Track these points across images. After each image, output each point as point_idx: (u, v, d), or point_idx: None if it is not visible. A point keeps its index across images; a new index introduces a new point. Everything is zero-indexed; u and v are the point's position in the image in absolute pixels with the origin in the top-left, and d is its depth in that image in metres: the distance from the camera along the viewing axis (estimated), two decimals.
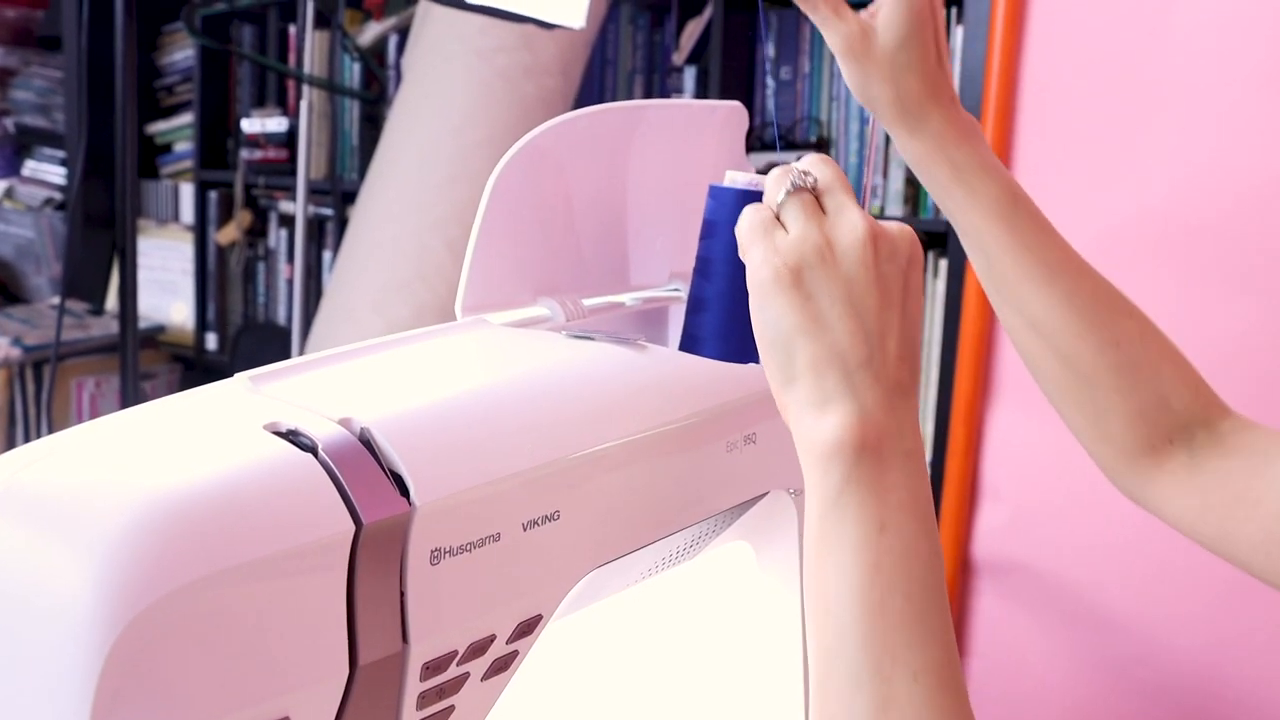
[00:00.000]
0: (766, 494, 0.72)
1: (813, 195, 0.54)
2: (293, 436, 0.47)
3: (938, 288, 1.84)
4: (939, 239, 1.87)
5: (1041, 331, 0.70)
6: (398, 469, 0.48)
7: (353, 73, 2.42)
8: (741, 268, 0.79)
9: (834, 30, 0.68)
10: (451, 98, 1.86)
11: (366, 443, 0.48)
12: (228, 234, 2.53)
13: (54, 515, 0.42)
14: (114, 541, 0.40)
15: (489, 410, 0.53)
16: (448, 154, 1.87)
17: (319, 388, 0.52)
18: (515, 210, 0.71)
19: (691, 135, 0.84)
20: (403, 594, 0.48)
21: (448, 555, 0.49)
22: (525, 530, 0.52)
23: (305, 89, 2.13)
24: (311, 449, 0.46)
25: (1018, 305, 0.71)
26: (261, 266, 2.59)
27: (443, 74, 1.87)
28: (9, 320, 2.43)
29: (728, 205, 0.79)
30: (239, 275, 2.59)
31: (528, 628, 0.54)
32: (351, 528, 0.45)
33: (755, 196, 0.79)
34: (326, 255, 2.43)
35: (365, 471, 0.47)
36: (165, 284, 2.67)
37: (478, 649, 0.51)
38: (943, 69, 0.70)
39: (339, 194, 2.35)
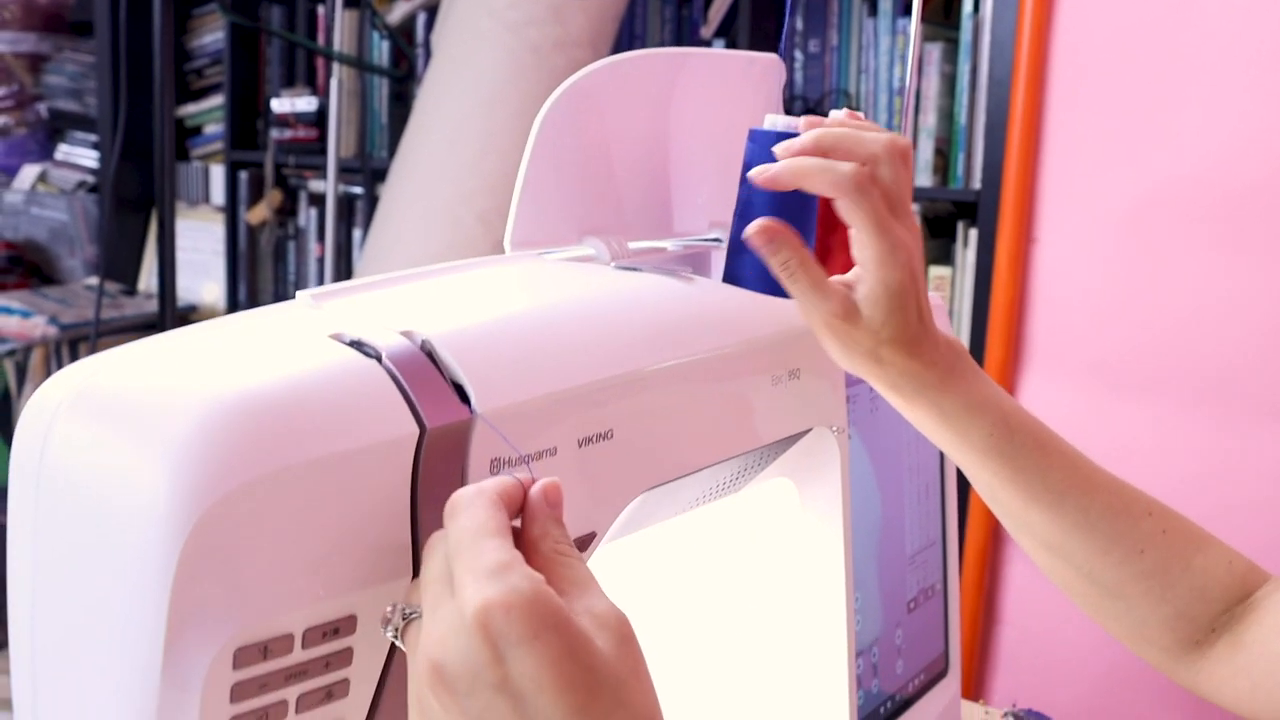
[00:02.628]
0: (810, 431, 0.73)
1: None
2: (357, 345, 0.48)
3: (968, 257, 1.84)
4: (969, 208, 1.87)
5: (1059, 553, 0.67)
6: (459, 379, 0.49)
7: (381, 51, 2.43)
8: (781, 209, 0.80)
9: (815, 308, 0.62)
10: (481, 72, 1.87)
11: (428, 354, 0.49)
12: (258, 213, 2.56)
13: (127, 415, 0.43)
14: (187, 437, 0.41)
15: (545, 327, 0.54)
16: (478, 128, 1.88)
17: (380, 305, 0.53)
18: (561, 150, 0.72)
19: (731, 85, 0.84)
20: None
21: (506, 465, 0.50)
22: (580, 447, 0.53)
23: (335, 68, 2.15)
24: (376, 357, 0.47)
25: (1029, 531, 0.68)
26: (292, 245, 2.61)
27: (472, 48, 1.88)
28: (45, 300, 2.46)
29: (766, 148, 0.80)
30: (269, 254, 2.61)
31: (581, 544, 0.55)
32: (416, 431, 0.46)
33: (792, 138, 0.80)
34: (357, 233, 2.45)
35: (428, 379, 0.48)
36: (197, 264, 2.69)
37: None
38: (924, 325, 0.64)
39: (369, 172, 2.36)
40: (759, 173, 0.63)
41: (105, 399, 0.44)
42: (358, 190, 2.42)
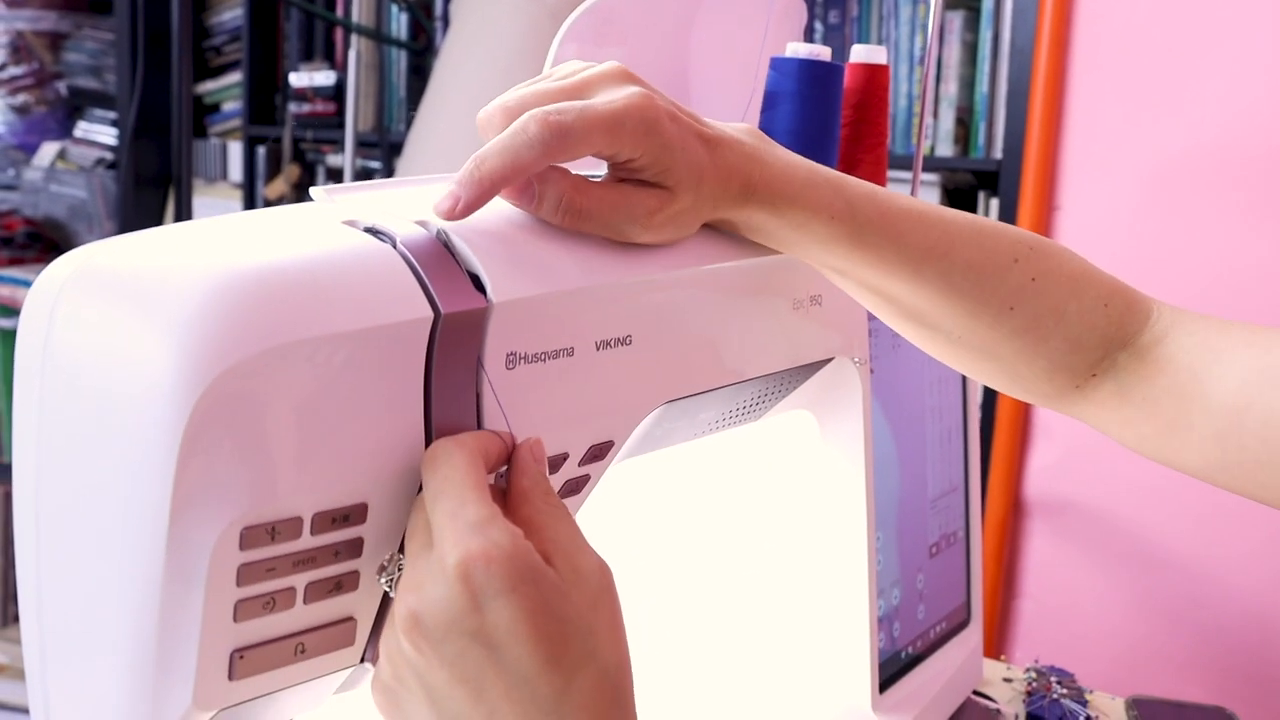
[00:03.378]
0: (831, 361, 0.72)
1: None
2: (372, 231, 0.47)
3: None
4: (990, 178, 1.85)
5: (924, 322, 0.62)
6: (474, 269, 0.47)
7: (400, 23, 2.43)
8: (804, 139, 0.79)
9: (628, 220, 0.54)
10: (500, 38, 1.86)
11: (444, 243, 0.48)
12: (276, 188, 2.55)
13: (131, 289, 0.42)
14: (193, 308, 0.40)
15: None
16: (496, 96, 1.87)
17: (395, 200, 0.52)
18: None
19: (752, 18, 0.83)
20: (479, 395, 0.47)
21: (523, 362, 0.49)
22: (598, 350, 0.52)
23: (353, 40, 2.14)
24: (390, 241, 0.46)
25: (890, 304, 0.62)
26: None
27: (490, 15, 1.87)
28: None
29: (790, 76, 0.79)
30: None
31: (599, 452, 0.54)
32: (430, 315, 0.45)
33: (818, 67, 0.78)
34: None
35: (443, 266, 0.46)
36: None
37: (550, 465, 0.51)
38: (714, 155, 0.55)
39: (387, 146, 2.35)
40: (443, 209, 0.49)
41: (110, 275, 0.43)
42: (376, 164, 2.41)
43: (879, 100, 0.84)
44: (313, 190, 0.53)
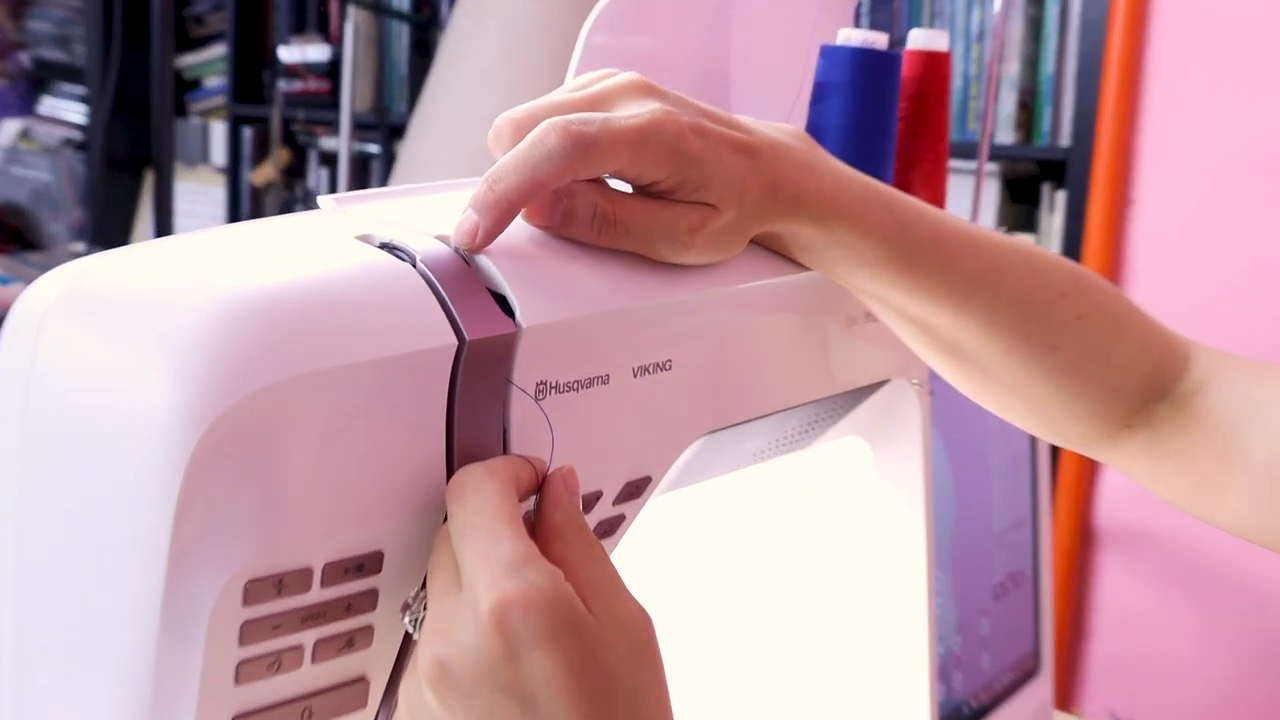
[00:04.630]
0: (886, 383, 0.72)
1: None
2: (389, 248, 0.47)
3: (1054, 224, 1.82)
4: (1056, 168, 1.84)
5: (959, 354, 0.63)
6: (501, 289, 0.47)
7: None
8: (858, 135, 0.79)
9: (669, 238, 0.53)
10: (511, 14, 1.86)
11: (466, 260, 0.48)
12: (263, 174, 2.56)
13: (128, 310, 0.42)
14: (196, 334, 0.40)
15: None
16: (508, 78, 1.87)
17: (411, 211, 0.52)
18: (608, 65, 0.71)
19: (798, 3, 0.83)
20: (505, 429, 0.48)
21: (554, 391, 0.49)
22: (636, 376, 0.52)
23: (350, 12, 2.14)
24: (410, 260, 0.46)
25: (928, 336, 0.62)
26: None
27: None
28: (26, 266, 2.48)
29: (842, 66, 0.79)
30: None
31: (635, 489, 0.54)
32: (454, 342, 0.45)
33: (874, 56, 0.78)
34: None
35: (467, 287, 0.47)
36: (195, 230, 2.70)
37: (583, 506, 0.51)
38: (756, 163, 0.55)
39: (386, 128, 2.36)
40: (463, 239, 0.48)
41: (105, 295, 0.43)
42: (374, 148, 2.42)
43: (939, 91, 0.84)
44: (320, 199, 0.53)
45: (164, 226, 1.88)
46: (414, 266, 0.46)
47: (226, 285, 0.42)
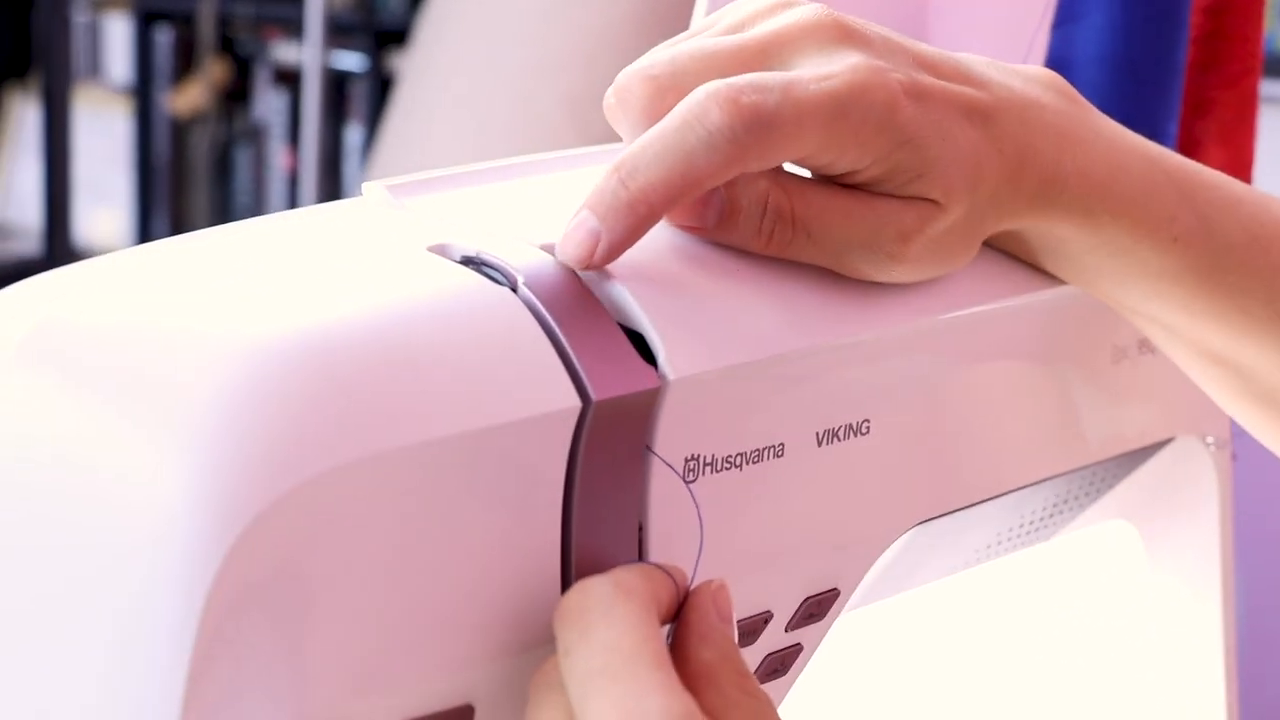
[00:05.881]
0: (1168, 443, 0.71)
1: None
2: (474, 264, 0.47)
3: None
4: None
5: (1227, 365, 0.64)
6: (637, 324, 0.48)
7: None
8: (1125, 68, 0.78)
9: (872, 245, 0.54)
10: None
11: (586, 285, 0.48)
12: (188, 98, 2.57)
13: (120, 374, 0.43)
14: (221, 410, 0.41)
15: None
16: None
17: (494, 205, 0.53)
18: None
19: None
20: (641, 526, 0.48)
21: (709, 469, 0.49)
22: (820, 445, 0.53)
23: None
24: (508, 284, 0.46)
25: (1198, 345, 0.64)
26: (243, 152, 2.63)
27: None
28: None
29: None
30: (206, 165, 2.62)
31: (818, 608, 0.55)
32: (575, 405, 0.45)
33: None
34: (352, 133, 2.46)
35: (590, 323, 0.47)
36: (84, 180, 2.60)
37: (745, 632, 0.52)
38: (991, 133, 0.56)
39: (374, 33, 2.36)
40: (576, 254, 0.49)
41: (83, 347, 0.44)
42: (354, 63, 2.42)
43: (1249, 3, 0.83)
44: (365, 186, 0.53)
45: (56, 170, 1.89)
46: (514, 292, 0.46)
47: (255, 329, 0.42)
